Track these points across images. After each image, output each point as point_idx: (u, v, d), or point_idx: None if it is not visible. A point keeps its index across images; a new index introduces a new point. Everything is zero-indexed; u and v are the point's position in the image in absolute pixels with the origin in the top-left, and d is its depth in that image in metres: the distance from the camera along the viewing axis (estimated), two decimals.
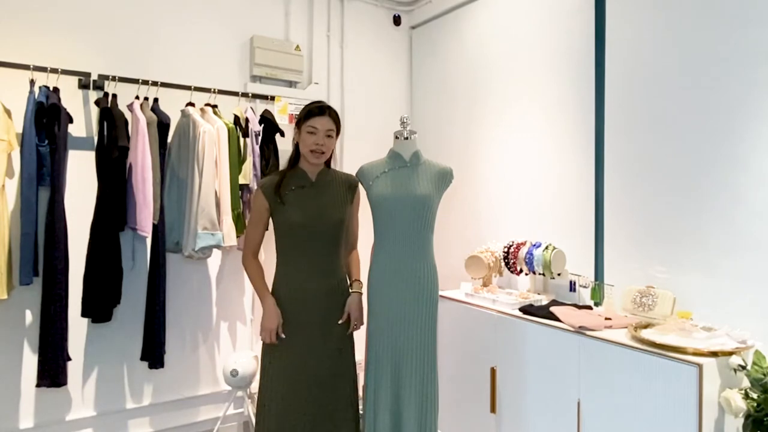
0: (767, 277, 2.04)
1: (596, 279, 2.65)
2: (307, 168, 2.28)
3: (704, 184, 2.24)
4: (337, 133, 2.28)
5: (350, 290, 2.34)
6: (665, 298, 2.27)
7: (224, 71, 3.27)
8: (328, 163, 2.34)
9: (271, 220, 2.28)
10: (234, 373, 2.97)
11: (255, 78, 3.39)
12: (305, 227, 2.19)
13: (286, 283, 2.23)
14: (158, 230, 2.79)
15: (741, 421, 1.83)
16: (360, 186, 2.41)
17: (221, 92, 3.12)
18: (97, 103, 2.76)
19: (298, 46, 3.50)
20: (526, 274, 2.84)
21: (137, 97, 2.83)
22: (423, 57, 3.91)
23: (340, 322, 2.27)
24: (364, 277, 2.41)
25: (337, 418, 2.24)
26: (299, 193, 2.23)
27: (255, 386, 2.44)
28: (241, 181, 3.02)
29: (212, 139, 2.84)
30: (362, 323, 2.36)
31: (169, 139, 2.91)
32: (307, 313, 2.20)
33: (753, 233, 2.08)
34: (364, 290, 2.41)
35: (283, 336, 2.18)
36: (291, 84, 3.53)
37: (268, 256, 2.44)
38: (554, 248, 2.69)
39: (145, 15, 3.03)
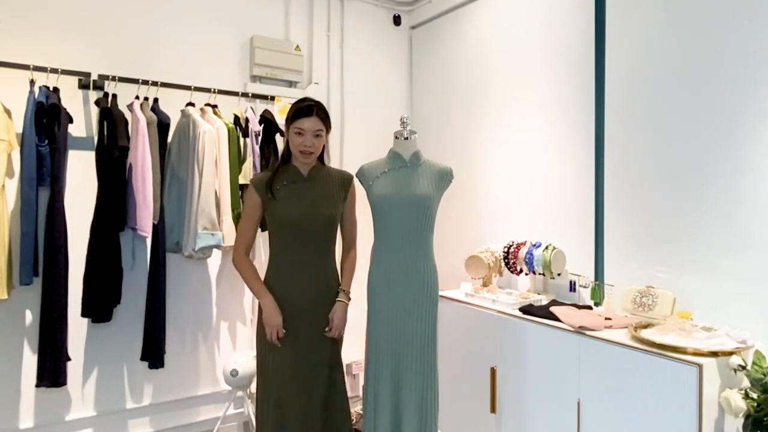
0: (767, 277, 2.04)
1: (596, 279, 2.65)
2: (300, 164, 2.24)
3: (704, 184, 2.24)
4: (328, 131, 2.22)
5: (336, 298, 2.25)
6: (665, 298, 2.27)
7: (224, 71, 3.27)
8: (321, 159, 2.30)
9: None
10: (234, 373, 2.97)
11: (255, 78, 3.39)
12: (297, 223, 2.16)
13: (277, 279, 2.20)
14: (158, 230, 2.79)
15: (741, 421, 1.83)
16: (355, 182, 2.37)
17: (221, 92, 3.12)
18: (97, 103, 2.76)
19: (298, 46, 3.50)
20: (526, 274, 2.84)
21: (137, 97, 2.83)
22: (423, 57, 3.91)
23: (325, 330, 2.22)
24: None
25: (330, 407, 2.25)
26: (291, 189, 2.20)
27: (255, 386, 2.44)
28: (241, 181, 3.02)
29: (212, 139, 2.84)
30: (341, 333, 2.27)
31: (169, 139, 2.91)
32: (299, 309, 2.18)
33: (753, 233, 2.08)
34: (364, 290, 2.41)
35: (283, 331, 2.16)
36: (291, 84, 3.53)
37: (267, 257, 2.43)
38: (554, 248, 2.69)
39: (145, 15, 3.03)
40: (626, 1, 2.55)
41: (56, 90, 2.61)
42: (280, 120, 3.24)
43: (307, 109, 2.15)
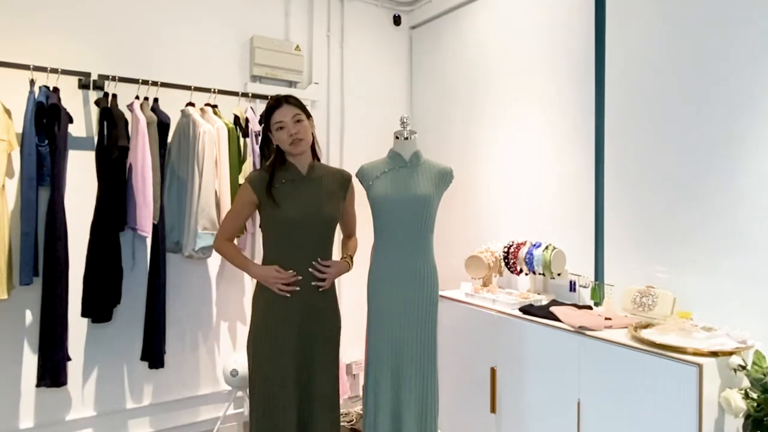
0: (767, 277, 2.04)
1: (596, 279, 2.65)
2: (296, 162, 2.21)
3: (704, 184, 2.24)
4: (308, 117, 2.19)
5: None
6: (665, 298, 2.27)
7: (224, 71, 3.27)
8: (316, 155, 2.28)
9: (259, 216, 2.24)
10: (234, 373, 2.97)
11: (255, 78, 3.39)
12: (299, 223, 2.13)
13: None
14: (158, 230, 2.79)
15: (741, 421, 1.83)
16: (354, 180, 2.36)
17: (221, 92, 3.12)
18: (97, 103, 2.76)
19: (298, 46, 3.50)
20: (526, 274, 2.84)
21: (137, 97, 2.83)
22: (423, 57, 3.91)
23: (322, 263, 2.18)
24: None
25: (318, 414, 2.20)
26: (290, 188, 2.16)
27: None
28: (241, 181, 3.01)
29: (212, 139, 2.84)
30: (329, 283, 2.21)
31: (169, 139, 2.91)
32: (297, 311, 2.14)
33: (753, 233, 2.08)
34: (364, 290, 2.41)
35: (293, 275, 2.10)
36: (291, 84, 3.53)
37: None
38: (554, 248, 2.69)
39: (145, 15, 3.03)
40: (626, 2, 2.55)
41: (56, 90, 2.61)
42: None
43: (277, 101, 2.16)
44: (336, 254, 2.32)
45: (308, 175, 2.21)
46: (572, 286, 2.72)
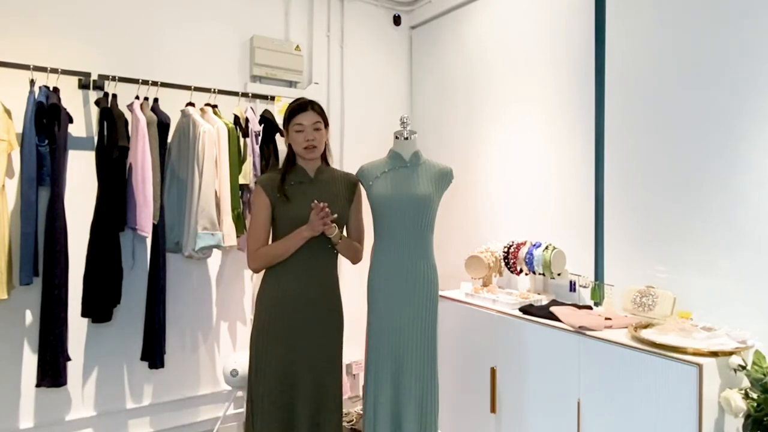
0: (767, 277, 2.04)
1: (596, 279, 2.65)
2: (305, 164, 2.26)
3: (704, 184, 2.24)
4: (326, 125, 2.25)
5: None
6: (665, 298, 2.27)
7: (224, 71, 3.27)
8: (326, 159, 2.32)
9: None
10: (234, 373, 2.97)
11: (255, 78, 3.39)
12: (305, 222, 2.14)
13: (279, 281, 2.17)
14: (158, 230, 2.79)
15: (741, 421, 1.83)
16: (361, 184, 2.39)
17: (221, 92, 3.12)
18: (97, 103, 2.76)
19: (298, 46, 3.50)
20: (526, 274, 2.84)
21: (137, 97, 2.83)
22: (423, 57, 3.91)
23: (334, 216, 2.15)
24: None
25: (323, 413, 2.21)
26: (299, 189, 2.21)
27: None
28: (241, 181, 3.02)
29: (212, 139, 2.84)
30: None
31: (169, 139, 2.91)
32: (301, 311, 2.16)
33: (753, 233, 2.08)
34: (364, 290, 2.41)
35: (323, 206, 2.08)
36: (291, 84, 3.53)
37: None
38: (554, 248, 2.69)
39: (145, 15, 3.03)
40: (626, 1, 2.55)
41: (56, 90, 2.61)
42: (280, 120, 3.23)
43: (302, 105, 2.21)
44: (340, 260, 2.33)
45: (316, 178, 2.27)
46: (572, 286, 2.72)
